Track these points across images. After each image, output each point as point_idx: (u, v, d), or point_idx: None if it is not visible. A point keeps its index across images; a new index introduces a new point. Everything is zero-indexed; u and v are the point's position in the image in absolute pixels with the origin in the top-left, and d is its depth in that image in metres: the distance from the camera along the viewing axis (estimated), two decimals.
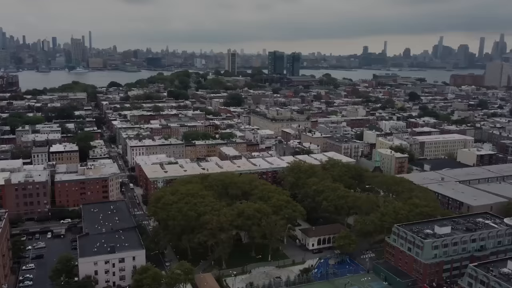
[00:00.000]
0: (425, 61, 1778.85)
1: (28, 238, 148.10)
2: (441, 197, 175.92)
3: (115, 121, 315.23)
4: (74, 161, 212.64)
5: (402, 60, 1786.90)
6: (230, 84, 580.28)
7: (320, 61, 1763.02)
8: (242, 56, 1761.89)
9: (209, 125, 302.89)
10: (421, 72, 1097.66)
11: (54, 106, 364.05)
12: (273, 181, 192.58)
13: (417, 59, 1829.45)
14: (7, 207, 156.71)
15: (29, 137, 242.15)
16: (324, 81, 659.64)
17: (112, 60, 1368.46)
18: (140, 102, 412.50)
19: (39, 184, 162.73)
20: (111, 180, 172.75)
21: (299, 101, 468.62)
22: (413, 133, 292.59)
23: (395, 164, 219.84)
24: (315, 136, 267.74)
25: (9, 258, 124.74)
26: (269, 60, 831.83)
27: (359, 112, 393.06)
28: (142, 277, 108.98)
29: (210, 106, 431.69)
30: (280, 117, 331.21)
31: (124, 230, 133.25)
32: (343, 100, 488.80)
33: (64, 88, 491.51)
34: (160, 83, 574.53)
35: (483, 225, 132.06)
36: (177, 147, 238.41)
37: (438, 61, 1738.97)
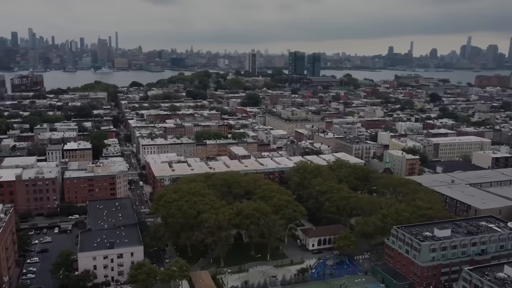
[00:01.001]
0: (452, 61, 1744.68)
1: (36, 232, 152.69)
2: (449, 199, 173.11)
3: (132, 120, 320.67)
4: (87, 158, 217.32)
5: (428, 60, 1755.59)
6: (249, 84, 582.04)
7: (343, 61, 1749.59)
8: (266, 56, 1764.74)
9: (223, 125, 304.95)
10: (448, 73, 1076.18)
11: (74, 105, 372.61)
12: (280, 181, 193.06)
13: (444, 60, 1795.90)
14: (17, 202, 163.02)
15: (46, 135, 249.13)
16: (345, 82, 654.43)
17: (136, 60, 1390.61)
18: (159, 102, 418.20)
19: (48, 180, 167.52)
20: (118, 177, 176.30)
21: (316, 101, 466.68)
22: (429, 135, 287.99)
23: (406, 165, 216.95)
24: (327, 136, 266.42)
25: (14, 251, 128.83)
26: (289, 61, 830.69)
27: (377, 113, 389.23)
28: (137, 272, 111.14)
29: (227, 106, 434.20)
30: (295, 118, 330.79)
31: (126, 226, 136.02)
32: (362, 101, 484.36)
33: (86, 88, 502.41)
34: (180, 83, 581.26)
35: (486, 228, 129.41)
36: (188, 146, 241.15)
37: (466, 61, 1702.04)
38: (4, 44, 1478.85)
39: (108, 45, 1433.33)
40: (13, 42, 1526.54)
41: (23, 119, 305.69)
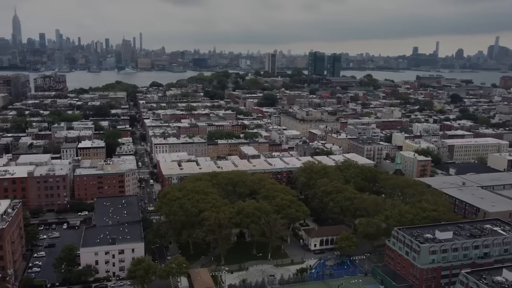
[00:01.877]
0: (479, 62, 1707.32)
1: (45, 228, 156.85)
2: (458, 202, 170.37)
3: (147, 119, 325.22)
4: (100, 157, 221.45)
5: (453, 61, 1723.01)
6: (268, 84, 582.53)
7: (367, 62, 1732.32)
8: (288, 57, 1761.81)
9: (237, 125, 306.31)
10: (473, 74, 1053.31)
11: (93, 105, 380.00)
12: (288, 180, 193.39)
13: (470, 60, 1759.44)
14: (29, 198, 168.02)
15: (62, 134, 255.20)
16: (365, 82, 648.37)
17: (159, 61, 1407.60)
18: (176, 102, 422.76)
19: (59, 177, 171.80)
20: (127, 175, 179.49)
21: (334, 102, 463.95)
22: (444, 136, 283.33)
23: (417, 167, 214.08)
24: (340, 137, 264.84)
25: (21, 246, 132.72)
26: (309, 61, 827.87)
27: (395, 114, 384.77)
28: (136, 268, 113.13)
29: (244, 106, 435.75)
30: (309, 118, 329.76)
31: (129, 223, 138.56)
32: (380, 102, 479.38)
33: (107, 88, 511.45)
34: (199, 83, 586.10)
35: (490, 231, 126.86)
36: (200, 146, 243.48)
37: (493, 62, 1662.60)
38: (32, 45, 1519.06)
39: (132, 46, 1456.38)
40: (41, 43, 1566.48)
41: (42, 118, 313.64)
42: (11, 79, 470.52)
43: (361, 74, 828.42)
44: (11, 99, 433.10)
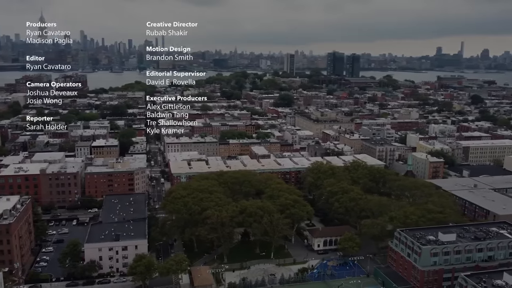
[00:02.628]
0: (505, 63, 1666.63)
1: (55, 224, 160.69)
2: (468, 204, 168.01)
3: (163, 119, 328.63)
4: (113, 155, 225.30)
5: (479, 61, 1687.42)
6: (286, 85, 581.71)
7: (389, 62, 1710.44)
8: (309, 57, 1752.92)
9: (250, 125, 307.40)
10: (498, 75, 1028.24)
11: (111, 104, 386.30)
12: (296, 180, 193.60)
13: (496, 61, 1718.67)
14: (41, 195, 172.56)
15: (78, 132, 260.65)
16: (384, 83, 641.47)
17: (180, 61, 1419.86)
18: (193, 102, 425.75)
19: (70, 175, 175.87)
20: (136, 173, 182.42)
21: (351, 102, 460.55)
22: (460, 137, 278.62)
23: (429, 168, 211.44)
24: (353, 138, 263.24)
25: (30, 241, 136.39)
26: (328, 61, 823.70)
27: (412, 115, 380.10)
28: (137, 264, 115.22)
29: (260, 106, 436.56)
30: (324, 118, 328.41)
31: (135, 220, 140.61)
32: (398, 103, 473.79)
33: (126, 88, 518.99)
34: (217, 83, 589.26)
35: (495, 234, 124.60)
36: (211, 145, 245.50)
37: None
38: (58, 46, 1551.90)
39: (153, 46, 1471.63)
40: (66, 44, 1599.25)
41: (61, 117, 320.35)
42: (33, 79, 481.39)
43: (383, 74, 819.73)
44: None
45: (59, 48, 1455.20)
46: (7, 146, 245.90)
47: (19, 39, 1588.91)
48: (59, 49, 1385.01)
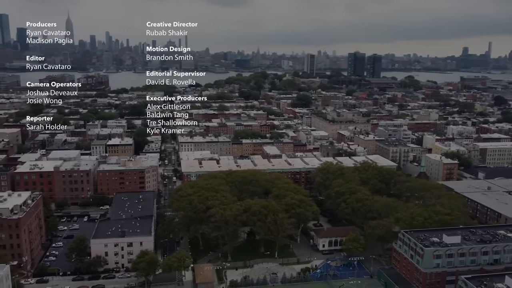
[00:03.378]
0: None
1: (67, 220, 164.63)
2: (480, 207, 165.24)
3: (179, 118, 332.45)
4: (128, 153, 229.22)
5: (507, 62, 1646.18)
6: (305, 85, 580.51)
7: (413, 63, 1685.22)
8: (332, 58, 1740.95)
9: (265, 125, 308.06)
10: None
11: (130, 104, 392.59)
12: (306, 180, 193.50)
13: None
14: (55, 192, 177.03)
15: (95, 131, 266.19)
16: (405, 84, 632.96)
17: (202, 62, 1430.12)
18: (211, 102, 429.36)
19: (83, 172, 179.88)
20: (147, 172, 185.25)
21: (370, 103, 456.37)
22: (479, 139, 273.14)
23: (443, 170, 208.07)
24: (367, 138, 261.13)
25: (40, 236, 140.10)
26: (348, 62, 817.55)
27: (432, 116, 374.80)
28: (139, 260, 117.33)
29: (277, 106, 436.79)
30: (339, 119, 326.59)
31: (142, 217, 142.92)
32: (419, 103, 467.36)
33: (146, 88, 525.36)
34: (236, 83, 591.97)
35: (503, 237, 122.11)
36: (224, 145, 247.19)
37: None
38: (84, 46, 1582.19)
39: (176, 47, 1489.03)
40: (92, 45, 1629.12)
41: (80, 116, 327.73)
42: (56, 79, 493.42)
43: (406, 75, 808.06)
44: None
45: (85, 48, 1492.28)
46: (26, 144, 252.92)
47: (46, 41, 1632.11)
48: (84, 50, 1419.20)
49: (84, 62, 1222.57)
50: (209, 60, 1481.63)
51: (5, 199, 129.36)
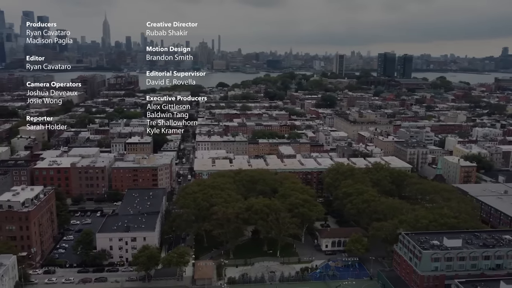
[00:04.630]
0: None
1: (81, 214, 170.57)
2: (493, 211, 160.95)
3: (202, 118, 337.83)
4: (146, 152, 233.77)
5: None
6: (332, 86, 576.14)
7: (449, 63, 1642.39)
8: (365, 58, 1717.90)
9: (285, 125, 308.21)
10: None
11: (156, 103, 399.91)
12: (318, 181, 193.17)
13: None
14: (71, 187, 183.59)
15: (117, 129, 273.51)
16: (436, 84, 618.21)
17: (233, 62, 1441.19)
18: (235, 102, 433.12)
19: (98, 169, 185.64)
20: (160, 169, 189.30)
21: (396, 104, 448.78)
22: (504, 142, 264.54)
23: (460, 173, 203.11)
24: (385, 140, 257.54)
25: (51, 228, 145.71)
26: (378, 62, 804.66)
27: (459, 117, 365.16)
28: (140, 255, 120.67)
29: (301, 107, 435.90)
30: (361, 120, 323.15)
31: (148, 213, 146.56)
32: (447, 105, 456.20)
33: (174, 88, 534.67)
34: (263, 84, 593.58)
35: (507, 242, 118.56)
36: (241, 144, 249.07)
37: None
38: (120, 47, 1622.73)
39: (210, 48, 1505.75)
40: (127, 46, 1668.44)
41: (106, 115, 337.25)
42: (88, 79, 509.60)
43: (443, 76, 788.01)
44: (86, 97, 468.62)
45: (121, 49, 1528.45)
46: (52, 141, 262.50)
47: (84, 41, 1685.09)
48: (120, 51, 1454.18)
49: (118, 63, 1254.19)
50: (240, 60, 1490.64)
51: (17, 193, 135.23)
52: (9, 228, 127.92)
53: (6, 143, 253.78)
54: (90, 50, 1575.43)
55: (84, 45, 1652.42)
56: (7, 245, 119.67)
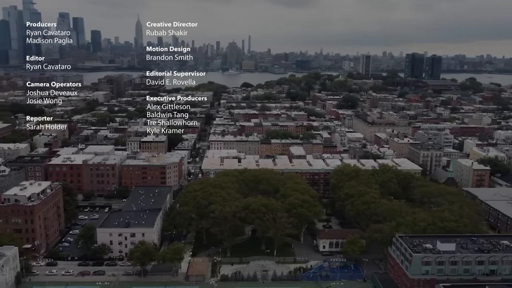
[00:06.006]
0: None
1: (90, 210, 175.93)
2: (501, 216, 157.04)
3: (220, 117, 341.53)
4: (160, 150, 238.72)
5: None
6: (356, 87, 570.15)
7: (484, 64, 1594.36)
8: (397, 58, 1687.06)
9: (301, 126, 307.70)
10: None
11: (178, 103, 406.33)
12: (325, 182, 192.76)
13: None
14: (83, 184, 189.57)
15: (134, 128, 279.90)
16: (465, 86, 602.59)
17: (262, 63, 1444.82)
18: (256, 102, 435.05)
19: (109, 166, 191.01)
20: (169, 168, 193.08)
21: (420, 106, 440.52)
22: None
23: (473, 176, 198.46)
24: (400, 142, 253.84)
25: (58, 223, 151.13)
26: (406, 63, 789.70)
27: (484, 120, 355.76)
28: (135, 250, 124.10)
29: (323, 108, 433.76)
30: (380, 121, 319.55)
31: (150, 210, 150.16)
32: (474, 107, 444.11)
33: (198, 88, 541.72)
34: (287, 84, 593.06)
35: (504, 248, 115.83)
36: (253, 144, 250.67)
37: None
38: None
39: (240, 48, 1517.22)
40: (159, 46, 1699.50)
41: (127, 114, 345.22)
42: (114, 79, 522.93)
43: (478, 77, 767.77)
44: (112, 97, 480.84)
45: None
46: (72, 139, 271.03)
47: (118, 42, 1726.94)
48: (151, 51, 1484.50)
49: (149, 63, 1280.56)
50: (269, 61, 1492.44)
51: (25, 188, 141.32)
52: (15, 221, 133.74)
53: (30, 140, 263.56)
54: (123, 50, 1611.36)
55: (118, 45, 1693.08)
56: (11, 237, 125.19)
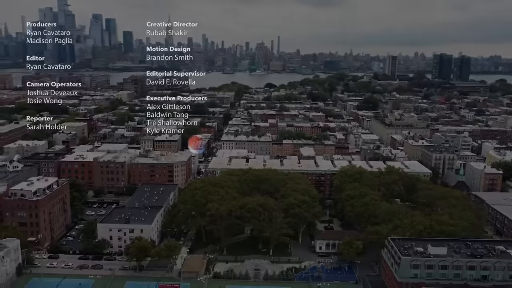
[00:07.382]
0: None
1: (98, 206, 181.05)
2: (507, 221, 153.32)
3: (238, 118, 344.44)
4: (173, 149, 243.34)
5: None
6: (380, 88, 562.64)
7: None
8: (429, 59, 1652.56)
9: (316, 127, 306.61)
10: None
11: (198, 103, 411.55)
12: (331, 183, 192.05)
13: None
14: (93, 181, 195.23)
15: None
16: (495, 87, 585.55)
17: (290, 63, 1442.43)
18: (276, 102, 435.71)
19: (118, 164, 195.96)
20: (176, 166, 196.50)
21: (444, 108, 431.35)
22: None
23: (484, 180, 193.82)
24: (414, 144, 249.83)
25: (64, 218, 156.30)
26: (433, 64, 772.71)
27: (509, 122, 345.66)
28: (131, 246, 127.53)
29: (343, 109, 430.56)
30: (397, 123, 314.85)
31: (152, 207, 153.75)
32: (500, 109, 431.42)
33: (222, 88, 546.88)
34: (310, 85, 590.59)
35: (499, 253, 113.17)
36: (265, 144, 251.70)
37: None
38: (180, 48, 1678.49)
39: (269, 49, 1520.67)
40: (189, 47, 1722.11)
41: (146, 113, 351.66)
42: (138, 79, 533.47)
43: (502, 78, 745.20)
44: (136, 96, 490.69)
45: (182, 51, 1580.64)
46: (90, 137, 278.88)
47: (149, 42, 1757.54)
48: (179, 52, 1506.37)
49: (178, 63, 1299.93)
50: (297, 61, 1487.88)
51: (32, 183, 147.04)
52: (21, 214, 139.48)
53: (50, 137, 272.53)
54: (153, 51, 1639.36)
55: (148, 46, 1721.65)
56: (14, 230, 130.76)
